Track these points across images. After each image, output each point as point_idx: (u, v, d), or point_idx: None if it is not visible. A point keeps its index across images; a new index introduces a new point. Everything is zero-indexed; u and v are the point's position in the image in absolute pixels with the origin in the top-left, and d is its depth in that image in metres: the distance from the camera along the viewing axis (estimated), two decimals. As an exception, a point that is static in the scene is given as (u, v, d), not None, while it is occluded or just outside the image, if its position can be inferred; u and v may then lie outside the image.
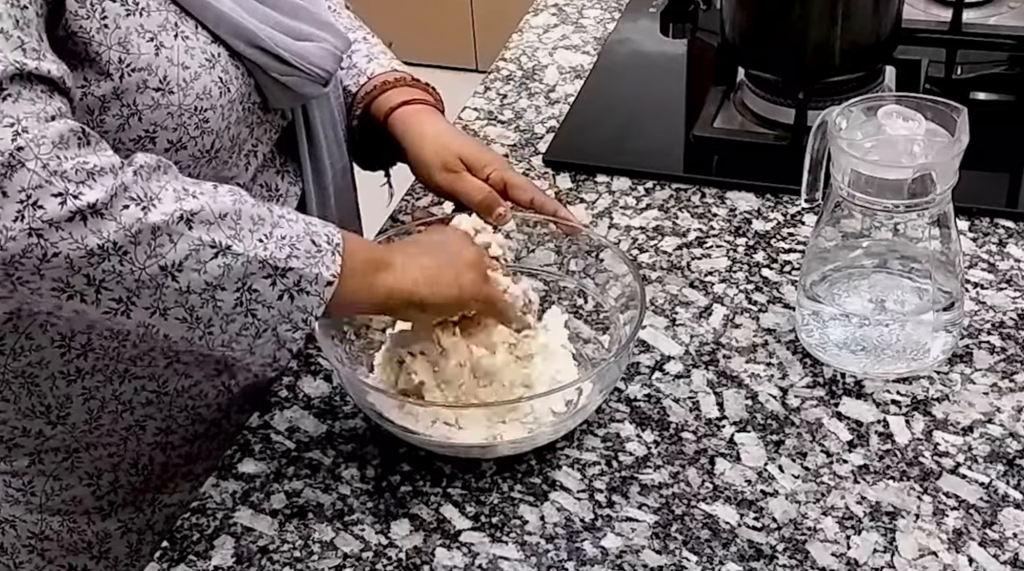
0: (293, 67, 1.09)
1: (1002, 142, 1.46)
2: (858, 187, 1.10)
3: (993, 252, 1.29)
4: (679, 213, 1.37)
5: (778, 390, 1.15)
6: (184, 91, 1.02)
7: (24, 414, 1.14)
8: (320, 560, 1.03)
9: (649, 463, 1.09)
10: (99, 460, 1.19)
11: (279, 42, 1.08)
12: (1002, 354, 1.18)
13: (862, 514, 1.04)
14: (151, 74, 1.01)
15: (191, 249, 0.93)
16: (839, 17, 1.40)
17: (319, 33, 1.12)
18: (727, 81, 1.54)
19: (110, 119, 1.01)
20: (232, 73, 1.06)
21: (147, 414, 1.17)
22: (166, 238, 0.92)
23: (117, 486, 1.21)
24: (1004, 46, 1.57)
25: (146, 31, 1.00)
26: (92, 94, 1.00)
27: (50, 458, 1.18)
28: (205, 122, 1.04)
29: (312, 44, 1.11)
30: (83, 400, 1.14)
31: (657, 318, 1.23)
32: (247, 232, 0.96)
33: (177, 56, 1.02)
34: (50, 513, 1.21)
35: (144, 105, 1.01)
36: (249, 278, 0.96)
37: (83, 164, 0.89)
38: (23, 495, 1.20)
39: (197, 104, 1.03)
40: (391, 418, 1.08)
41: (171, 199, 0.93)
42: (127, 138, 1.01)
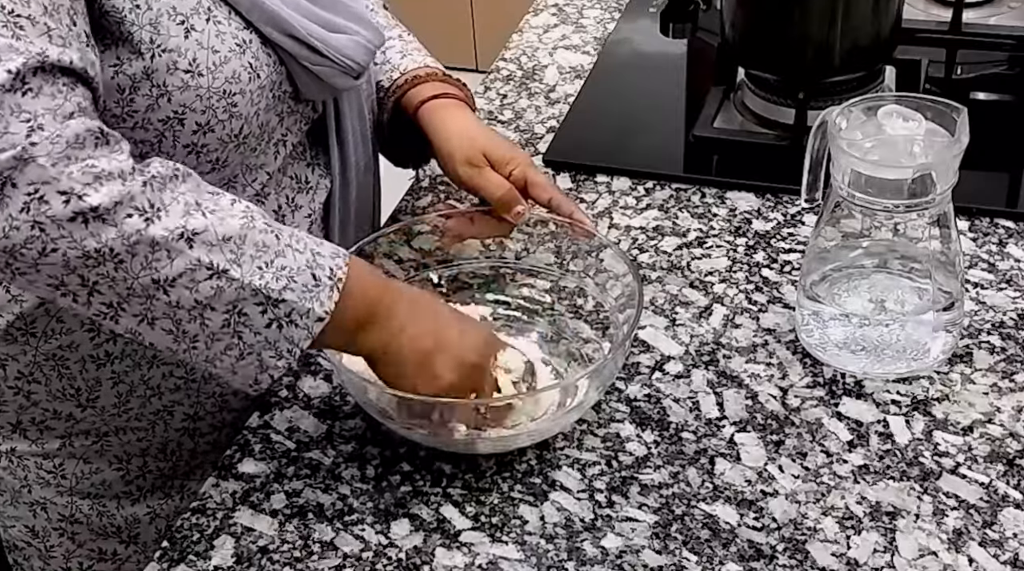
0: (325, 57, 1.09)
1: (1002, 142, 1.46)
2: (858, 187, 1.10)
3: (993, 252, 1.29)
4: (679, 213, 1.37)
5: (778, 390, 1.15)
6: (213, 74, 1.03)
7: (55, 396, 1.16)
8: (320, 560, 1.03)
9: (649, 463, 1.09)
10: (128, 444, 1.21)
11: (312, 32, 1.08)
12: (1002, 354, 1.18)
13: (862, 514, 1.04)
14: (180, 56, 1.02)
15: (187, 268, 0.93)
16: (839, 17, 1.40)
17: (353, 26, 1.12)
18: (727, 81, 1.54)
19: (140, 99, 1.02)
20: (263, 60, 1.07)
21: (175, 400, 1.19)
22: (164, 253, 0.92)
23: (146, 471, 1.23)
24: (1004, 46, 1.57)
25: (178, 13, 1.02)
26: (124, 73, 1.01)
27: (80, 441, 1.20)
28: (233, 106, 1.05)
29: (345, 36, 1.11)
30: (112, 384, 1.16)
31: (657, 318, 1.23)
32: (248, 258, 0.96)
33: (207, 40, 1.03)
34: (80, 496, 1.23)
35: (173, 86, 1.02)
36: (240, 303, 0.96)
37: (92, 167, 0.90)
38: (53, 477, 1.22)
39: (226, 88, 1.04)
40: (392, 415, 1.08)
41: (178, 213, 0.93)
42: (156, 118, 1.02)
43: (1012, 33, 1.57)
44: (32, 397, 1.17)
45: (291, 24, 1.07)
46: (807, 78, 1.44)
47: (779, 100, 1.47)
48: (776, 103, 1.47)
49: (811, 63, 1.44)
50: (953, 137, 1.09)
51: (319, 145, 1.21)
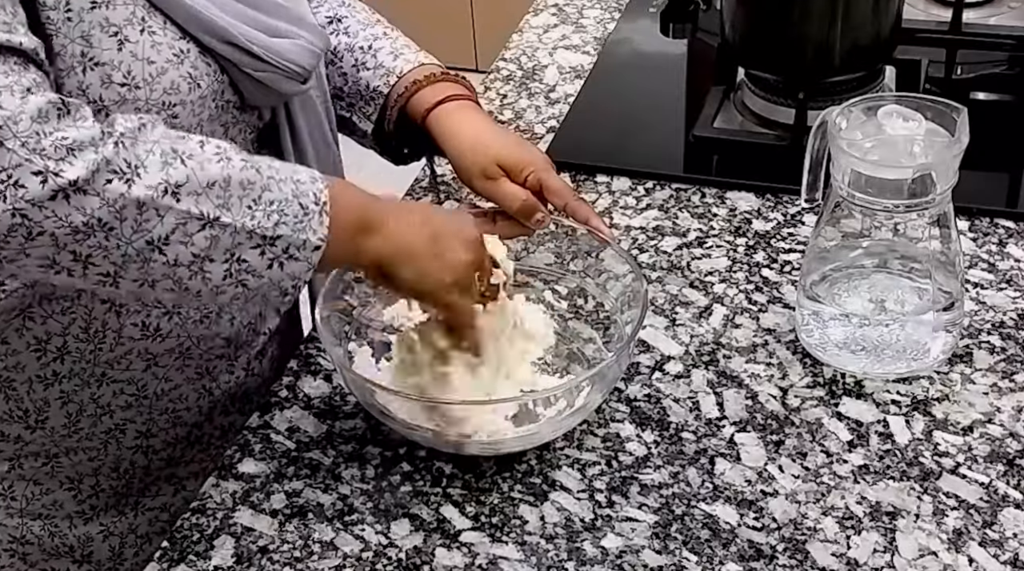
0: (267, 63, 1.07)
1: (1002, 142, 1.46)
2: (858, 187, 1.10)
3: (993, 252, 1.29)
4: (679, 213, 1.37)
5: (778, 390, 1.15)
6: (150, 86, 1.00)
7: (1, 419, 1.13)
8: (320, 560, 1.03)
9: (649, 463, 1.09)
10: (80, 465, 1.18)
11: (252, 38, 1.05)
12: (1002, 354, 1.18)
13: (862, 514, 1.04)
14: (114, 69, 0.99)
15: (178, 222, 0.92)
16: (839, 17, 1.40)
17: (295, 30, 1.10)
18: (727, 81, 1.54)
19: None
20: (202, 69, 1.04)
21: (127, 418, 1.17)
22: (152, 212, 0.91)
23: (99, 490, 1.20)
24: (1004, 46, 1.57)
25: (110, 25, 0.99)
26: (60, 90, 0.98)
27: (30, 463, 1.17)
28: (175, 118, 1.02)
29: (288, 41, 1.09)
30: (61, 404, 1.13)
31: (657, 318, 1.23)
32: (236, 199, 0.94)
33: (142, 51, 1.00)
34: (31, 517, 1.20)
35: (110, 100, 0.99)
36: (237, 249, 0.95)
37: (62, 140, 0.88)
38: (3, 499, 1.19)
39: (165, 99, 1.01)
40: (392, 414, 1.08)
41: (156, 166, 0.91)
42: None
43: (1012, 33, 1.57)
44: None
45: (229, 32, 1.04)
46: (807, 78, 1.44)
47: (779, 100, 1.47)
48: (776, 103, 1.47)
49: (811, 63, 1.44)
50: (953, 137, 1.09)
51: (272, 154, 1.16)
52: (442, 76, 1.27)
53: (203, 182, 0.92)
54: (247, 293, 0.97)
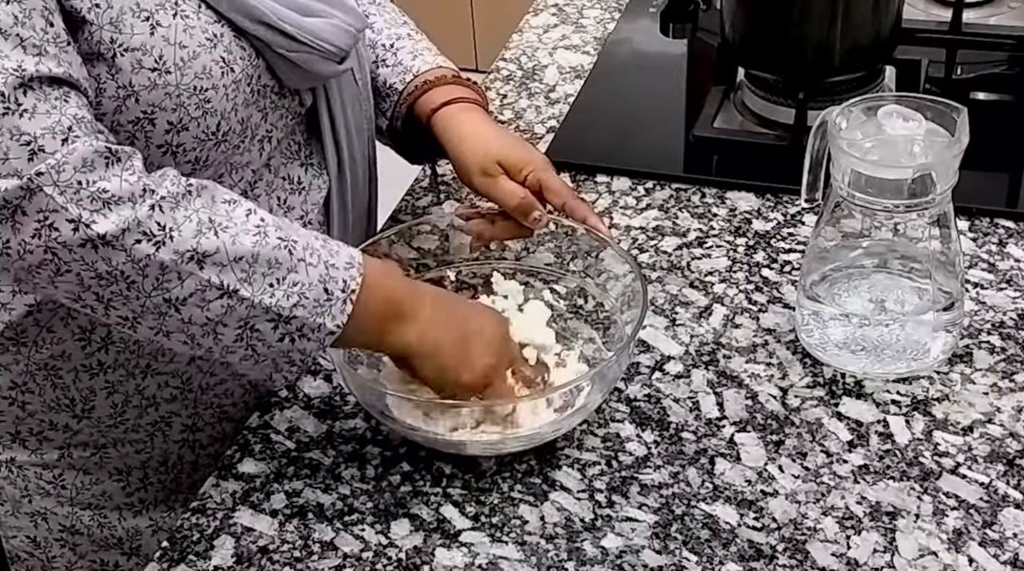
0: (301, 43, 1.06)
1: (1002, 142, 1.46)
2: (858, 187, 1.10)
3: (993, 252, 1.29)
4: (679, 213, 1.37)
5: (778, 390, 1.15)
6: (182, 71, 1.01)
7: (50, 407, 1.16)
8: (320, 560, 1.03)
9: (649, 463, 1.09)
10: (127, 457, 1.20)
11: (285, 17, 1.05)
12: (1002, 354, 1.18)
13: (862, 514, 1.04)
14: (145, 54, 0.99)
15: (197, 288, 0.94)
16: (839, 17, 1.40)
17: (330, 10, 1.10)
18: (727, 81, 1.54)
19: (107, 101, 1.00)
20: (236, 53, 1.04)
21: (172, 411, 1.19)
22: (174, 275, 0.93)
23: (147, 483, 1.23)
24: (1004, 46, 1.57)
25: (141, 10, 0.99)
26: (88, 74, 0.98)
27: (79, 452, 1.19)
28: (207, 102, 1.03)
29: (321, 20, 1.08)
30: (107, 394, 1.16)
31: (657, 318, 1.23)
32: (259, 276, 0.96)
33: (174, 35, 1.00)
34: (81, 507, 1.23)
35: (140, 86, 0.99)
36: (252, 320, 0.97)
37: (102, 192, 0.91)
38: (53, 488, 1.22)
39: (197, 84, 1.02)
40: (393, 415, 1.08)
41: (190, 234, 0.94)
42: (125, 119, 1.01)
43: (1012, 33, 1.57)
44: (27, 408, 1.16)
45: (261, 11, 1.04)
46: (807, 78, 1.44)
47: (779, 100, 1.47)
48: (776, 103, 1.47)
49: (811, 63, 1.44)
50: (953, 137, 1.09)
51: (313, 143, 1.20)
52: (453, 79, 1.28)
53: (231, 255, 0.95)
54: (256, 357, 1.00)
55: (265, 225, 0.98)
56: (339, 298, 0.99)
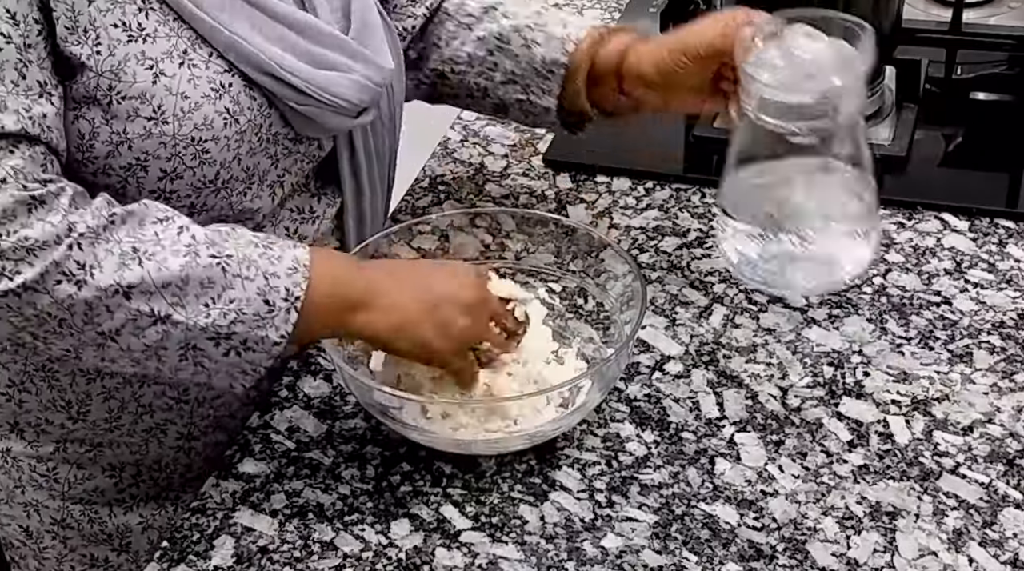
0: (308, 96, 1.04)
1: (1002, 142, 1.46)
2: (765, 110, 1.07)
3: (993, 252, 1.29)
4: (679, 213, 1.37)
5: (778, 390, 1.15)
6: (180, 121, 0.99)
7: (46, 407, 1.16)
8: (320, 560, 1.03)
9: (649, 463, 1.09)
10: (121, 455, 1.20)
11: (293, 69, 1.03)
12: (1002, 354, 1.18)
13: (862, 514, 1.04)
14: (144, 102, 0.98)
15: (128, 318, 0.94)
16: (839, 17, 1.39)
17: (349, 63, 1.07)
18: (727, 81, 1.54)
19: (99, 145, 0.99)
20: (244, 103, 1.02)
21: (167, 419, 1.18)
22: (103, 309, 0.93)
23: (140, 480, 1.22)
24: (1004, 46, 1.57)
25: (147, 58, 0.98)
26: (83, 117, 0.98)
27: (74, 448, 1.19)
28: (205, 153, 1.01)
29: (336, 74, 1.06)
30: (103, 399, 1.15)
31: (657, 318, 1.23)
32: (192, 298, 0.95)
33: (177, 85, 0.99)
34: (72, 501, 1.23)
35: (134, 133, 0.99)
36: (191, 340, 0.96)
37: (23, 240, 0.90)
38: (47, 481, 1.22)
39: (195, 135, 1.00)
40: (392, 414, 1.08)
41: (111, 268, 0.93)
42: (117, 165, 1.00)
43: (1012, 33, 1.57)
44: (24, 405, 1.17)
45: (268, 62, 1.02)
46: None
47: (779, 100, 1.47)
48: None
49: (811, 63, 1.43)
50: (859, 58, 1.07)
51: (324, 176, 1.17)
52: (618, 28, 1.24)
53: (158, 282, 0.94)
54: (207, 372, 0.99)
55: (196, 244, 0.96)
56: (281, 308, 0.98)
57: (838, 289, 1.14)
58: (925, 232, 1.32)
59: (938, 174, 1.44)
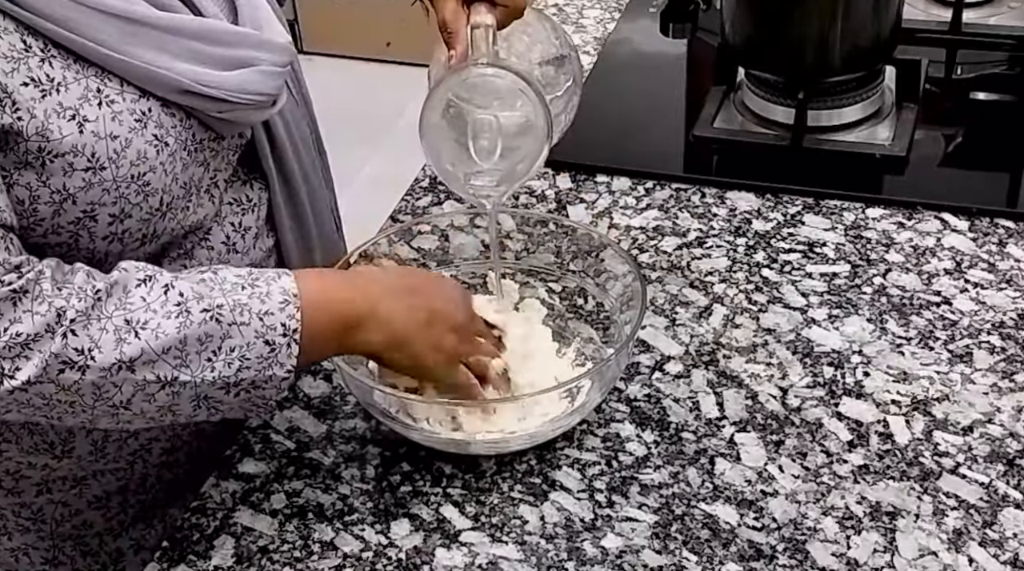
0: (228, 102, 1.02)
1: (1002, 142, 1.46)
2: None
3: (993, 252, 1.29)
4: (679, 213, 1.37)
5: (778, 390, 1.15)
6: (116, 163, 0.96)
7: (28, 452, 1.13)
8: (320, 560, 1.03)
9: (649, 463, 1.09)
10: (107, 484, 1.18)
11: (207, 80, 1.00)
12: (1002, 354, 1.18)
13: (862, 514, 1.04)
14: (77, 155, 0.94)
15: (136, 389, 0.94)
16: (839, 17, 1.40)
17: (255, 55, 1.04)
18: (727, 81, 1.54)
19: (43, 207, 0.95)
20: (167, 124, 1.00)
21: (151, 437, 1.17)
22: (110, 385, 0.93)
23: (127, 506, 1.21)
24: (1004, 46, 1.57)
25: (65, 109, 0.94)
26: (18, 183, 0.94)
27: (58, 487, 1.17)
28: (146, 185, 0.99)
29: (248, 70, 1.03)
30: (85, 433, 1.13)
31: (657, 318, 1.24)
32: (194, 356, 0.95)
33: (103, 127, 0.96)
34: (62, 539, 1.20)
35: (76, 188, 0.95)
36: (201, 393, 0.97)
37: (16, 337, 0.90)
38: (33, 523, 1.19)
39: (134, 172, 0.97)
40: (392, 414, 1.08)
41: (110, 347, 0.92)
42: (65, 221, 0.97)
43: (1012, 33, 1.57)
44: (5, 454, 1.13)
45: (181, 82, 0.98)
46: (807, 78, 1.44)
47: (779, 100, 1.47)
48: (776, 103, 1.47)
49: (811, 63, 1.44)
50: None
51: (251, 161, 1.14)
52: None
53: (158, 349, 0.94)
54: (221, 413, 1.00)
55: (185, 301, 0.95)
56: (281, 345, 0.97)
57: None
58: (925, 232, 1.33)
59: (938, 174, 1.44)
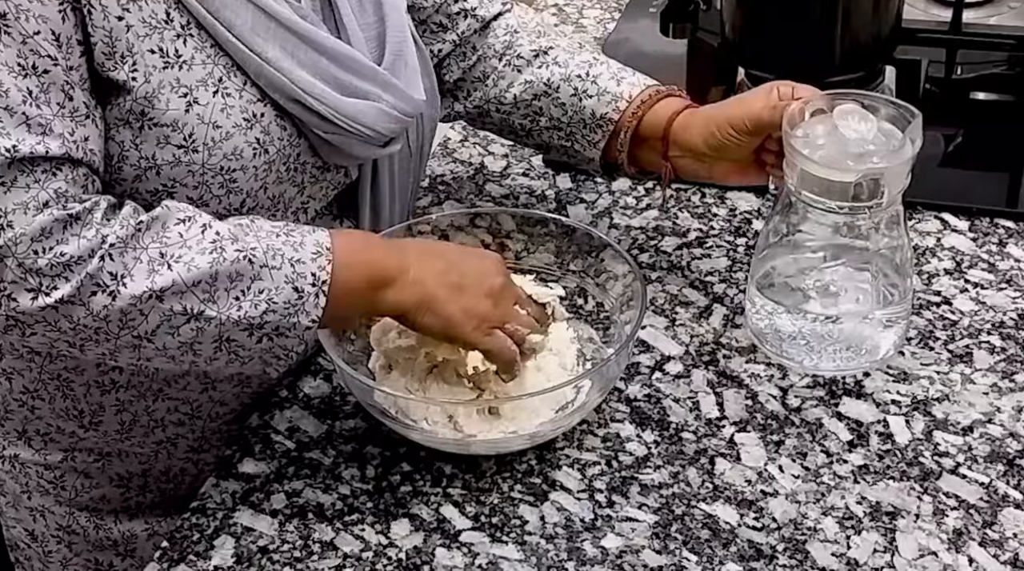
0: (335, 124, 1.04)
1: (1002, 142, 1.46)
2: (806, 185, 1.09)
3: (993, 252, 1.29)
4: (679, 213, 1.37)
5: (778, 390, 1.15)
6: (210, 150, 0.99)
7: (58, 415, 1.16)
8: (320, 560, 1.03)
9: (649, 463, 1.09)
10: (130, 466, 1.20)
11: (321, 96, 1.02)
12: (1002, 354, 1.18)
13: (862, 514, 1.04)
14: (175, 130, 0.98)
15: (162, 320, 0.95)
16: (839, 17, 1.39)
17: (379, 93, 1.06)
18: (727, 81, 1.54)
19: (128, 169, 0.99)
20: (274, 134, 1.02)
21: (179, 433, 1.19)
22: (137, 314, 0.94)
23: (147, 490, 1.23)
24: (1004, 46, 1.57)
25: (181, 85, 0.97)
26: (113, 139, 0.98)
27: (82, 457, 1.19)
28: (232, 182, 1.01)
29: (365, 103, 1.05)
30: (115, 411, 1.15)
31: (657, 318, 1.23)
32: (222, 292, 0.96)
33: (210, 114, 0.99)
34: (78, 508, 1.23)
35: (164, 161, 0.99)
36: (225, 333, 0.97)
37: (59, 257, 0.91)
38: (53, 488, 1.22)
39: (224, 164, 1.00)
40: (392, 414, 1.08)
41: (143, 275, 0.93)
42: (144, 189, 1.00)
43: (1012, 33, 1.57)
44: (36, 412, 1.17)
45: (296, 90, 1.01)
46: (807, 78, 1.44)
47: (779, 100, 1.47)
48: (776, 103, 1.47)
49: (811, 63, 1.44)
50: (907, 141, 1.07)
51: (344, 205, 1.16)
52: (668, 92, 1.23)
53: (188, 282, 0.95)
54: (240, 360, 1.00)
55: (221, 239, 0.96)
56: (310, 293, 0.98)
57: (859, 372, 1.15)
58: (925, 232, 1.33)
59: (938, 174, 1.44)
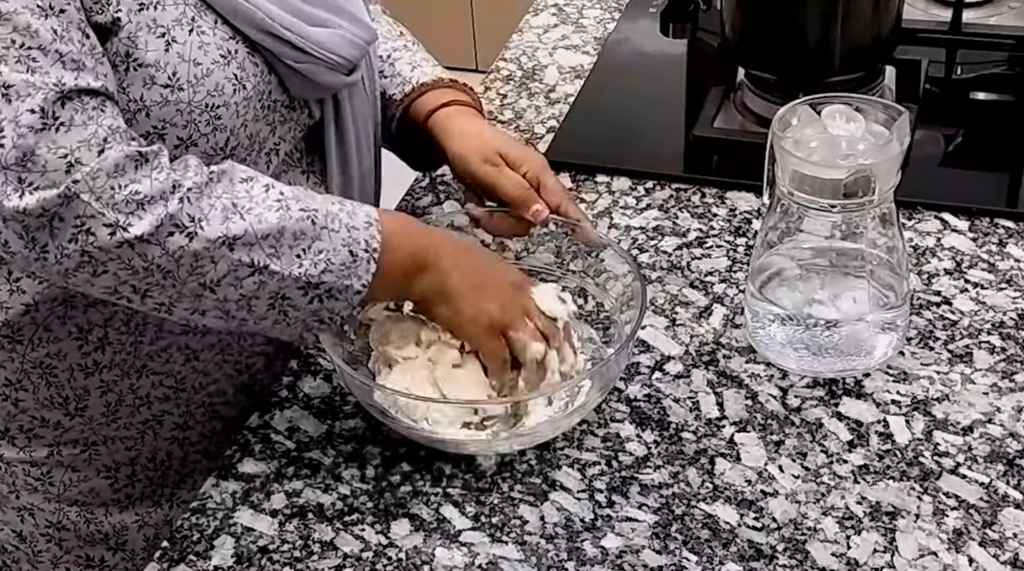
0: (306, 53, 1.07)
1: (1002, 142, 1.46)
2: (797, 185, 1.09)
3: (993, 252, 1.29)
4: (679, 213, 1.37)
5: (778, 390, 1.15)
6: (194, 88, 1.02)
7: (43, 404, 1.16)
8: (320, 560, 1.03)
9: (649, 463, 1.09)
10: (117, 454, 1.20)
11: (289, 26, 1.06)
12: (1002, 354, 1.18)
13: (862, 514, 1.04)
14: (159, 70, 1.00)
15: (230, 269, 0.98)
16: (839, 17, 1.40)
17: (338, 20, 1.10)
18: (727, 81, 1.54)
19: None
20: (249, 70, 1.05)
21: (164, 409, 1.19)
22: (208, 260, 0.97)
23: (135, 479, 1.23)
24: (1004, 46, 1.57)
25: (158, 26, 1.00)
26: None
27: (68, 450, 1.19)
28: (217, 119, 1.04)
29: (327, 31, 1.09)
30: (100, 393, 1.16)
31: (657, 318, 1.23)
32: (286, 249, 0.99)
33: (189, 52, 1.01)
34: (68, 503, 1.23)
35: (152, 101, 1.01)
36: (283, 290, 1.00)
37: (135, 194, 0.94)
38: (41, 484, 1.22)
39: (208, 101, 1.03)
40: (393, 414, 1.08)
41: (218, 220, 0.97)
42: (136, 133, 1.00)
43: (1012, 33, 1.57)
44: (20, 404, 1.16)
45: (268, 22, 1.04)
46: (807, 78, 1.44)
47: (779, 100, 1.46)
48: (776, 103, 1.47)
49: (811, 63, 1.44)
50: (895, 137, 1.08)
51: (316, 151, 1.19)
52: (449, 83, 1.28)
53: (258, 234, 0.98)
54: (288, 321, 1.03)
55: (285, 198, 1.01)
56: (363, 258, 1.02)
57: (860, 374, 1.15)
58: (925, 232, 1.33)
59: (938, 174, 1.44)
